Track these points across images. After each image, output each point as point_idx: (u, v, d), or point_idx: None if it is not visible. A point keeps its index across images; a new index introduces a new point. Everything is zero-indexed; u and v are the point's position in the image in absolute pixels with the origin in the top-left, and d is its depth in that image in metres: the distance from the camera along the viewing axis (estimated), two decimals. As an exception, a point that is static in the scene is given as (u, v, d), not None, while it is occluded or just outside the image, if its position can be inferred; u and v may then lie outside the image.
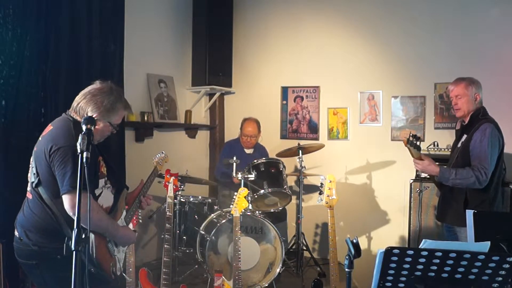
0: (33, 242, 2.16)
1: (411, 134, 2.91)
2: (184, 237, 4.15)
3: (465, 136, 3.00)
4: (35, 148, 2.21)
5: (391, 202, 4.72)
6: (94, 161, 2.19)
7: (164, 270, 3.08)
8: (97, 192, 2.26)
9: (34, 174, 2.18)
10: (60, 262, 2.03)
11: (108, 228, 2.24)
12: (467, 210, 2.24)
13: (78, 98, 2.26)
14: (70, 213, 2.05)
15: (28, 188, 2.24)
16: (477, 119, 2.94)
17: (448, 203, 3.04)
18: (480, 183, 2.80)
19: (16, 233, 2.26)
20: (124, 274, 2.52)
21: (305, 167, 4.43)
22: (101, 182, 2.30)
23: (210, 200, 4.37)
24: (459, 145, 3.07)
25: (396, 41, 4.70)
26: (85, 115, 2.19)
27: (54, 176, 2.10)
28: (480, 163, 2.80)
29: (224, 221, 3.76)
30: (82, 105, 2.22)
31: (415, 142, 2.90)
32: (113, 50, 4.10)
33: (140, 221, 2.97)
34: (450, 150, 4.04)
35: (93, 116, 2.17)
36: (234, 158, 4.08)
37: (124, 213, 2.50)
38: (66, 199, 2.05)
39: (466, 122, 3.03)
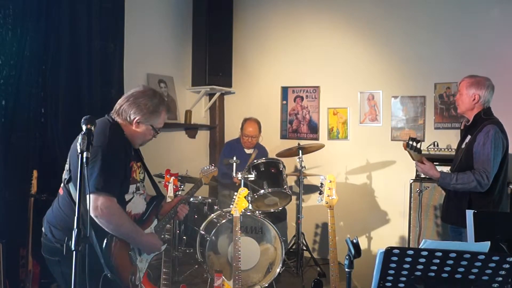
0: (56, 239, 2.16)
1: (410, 137, 2.91)
2: (184, 237, 4.15)
3: (469, 137, 2.95)
4: (72, 145, 2.20)
5: (391, 202, 4.72)
6: (124, 165, 2.16)
7: (164, 270, 3.07)
8: (127, 197, 2.23)
9: (67, 170, 2.18)
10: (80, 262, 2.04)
11: (130, 234, 2.19)
12: (467, 210, 2.23)
13: (121, 101, 2.26)
14: (92, 214, 2.02)
15: (61, 184, 2.23)
16: (480, 119, 2.90)
17: (452, 204, 3.01)
18: (482, 187, 2.78)
19: (43, 228, 2.25)
20: (143, 285, 2.45)
21: (305, 167, 4.43)
22: (132, 187, 2.26)
23: (210, 200, 4.37)
24: (463, 145, 3.02)
25: (396, 41, 4.70)
26: (128, 118, 2.20)
27: None
28: (482, 167, 2.78)
29: (224, 221, 3.76)
30: (125, 107, 2.22)
31: (415, 145, 2.88)
32: (113, 50, 4.10)
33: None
34: (450, 150, 4.05)
35: (136, 118, 2.19)
36: (234, 158, 4.08)
37: (155, 222, 2.45)
38: (89, 200, 2.03)
39: (470, 122, 2.99)
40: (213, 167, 3.24)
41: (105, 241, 2.10)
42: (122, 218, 2.14)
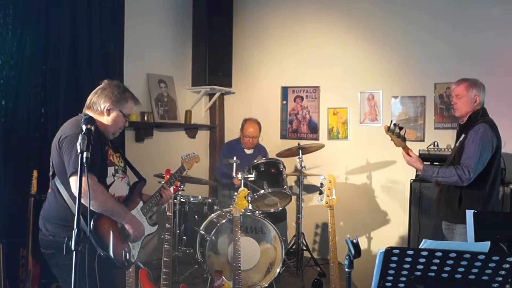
0: (50, 233, 2.28)
1: (392, 122, 2.97)
2: (184, 237, 4.15)
3: (463, 135, 3.04)
4: (53, 143, 2.34)
5: (391, 202, 4.72)
6: (100, 148, 2.31)
7: (164, 270, 3.08)
8: (108, 181, 2.37)
9: (51, 166, 2.32)
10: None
11: (115, 209, 2.29)
12: (467, 210, 2.24)
13: (90, 96, 2.43)
14: (76, 194, 2.09)
15: (49, 183, 2.37)
16: (475, 119, 2.98)
17: (444, 200, 3.08)
18: (462, 181, 2.85)
19: (39, 226, 2.38)
20: (138, 263, 2.57)
21: (305, 167, 4.43)
22: (110, 169, 2.41)
23: (210, 200, 4.37)
24: (457, 144, 3.11)
25: (396, 41, 4.70)
26: (99, 108, 2.37)
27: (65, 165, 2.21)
28: (466, 161, 2.86)
29: (224, 221, 3.76)
30: (94, 100, 2.40)
31: (397, 131, 2.95)
32: (113, 50, 4.10)
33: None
34: (450, 150, 4.05)
35: (106, 106, 2.36)
36: (234, 158, 4.08)
37: (141, 203, 2.57)
38: (72, 181, 2.16)
39: (464, 122, 3.07)
40: (194, 153, 3.30)
41: (91, 222, 2.21)
42: (105, 194, 2.25)
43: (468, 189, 2.91)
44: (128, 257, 2.37)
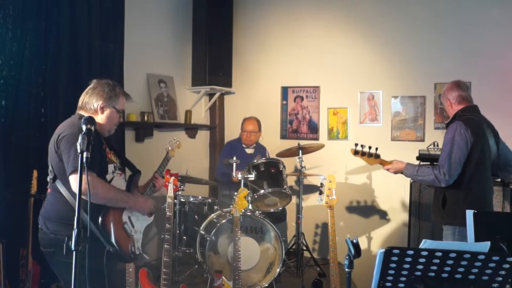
0: (51, 231, 2.30)
1: (357, 145, 3.07)
2: (184, 237, 4.15)
3: None
4: (49, 146, 2.36)
5: (391, 202, 4.72)
6: (99, 147, 2.34)
7: (164, 270, 3.08)
8: (108, 177, 2.44)
9: (50, 171, 2.35)
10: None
11: (118, 195, 2.35)
12: (467, 210, 2.24)
13: (81, 97, 2.46)
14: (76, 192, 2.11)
15: (48, 185, 2.40)
16: (454, 116, 3.04)
17: (433, 202, 3.10)
18: (439, 182, 2.84)
19: (39, 225, 2.40)
20: (143, 254, 2.67)
21: (305, 167, 4.43)
22: (110, 167, 2.47)
23: (210, 200, 4.37)
24: None
25: (396, 41, 4.70)
26: (92, 107, 2.41)
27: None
28: (440, 162, 2.87)
29: (224, 221, 3.76)
30: (87, 100, 2.43)
31: (366, 151, 3.02)
32: (113, 50, 4.10)
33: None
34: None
35: (99, 104, 2.40)
36: (234, 158, 4.08)
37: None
38: (71, 180, 2.18)
39: (448, 121, 3.12)
40: (175, 139, 3.41)
41: (99, 220, 2.26)
42: (105, 186, 2.31)
43: (450, 190, 2.90)
44: (133, 250, 2.45)
